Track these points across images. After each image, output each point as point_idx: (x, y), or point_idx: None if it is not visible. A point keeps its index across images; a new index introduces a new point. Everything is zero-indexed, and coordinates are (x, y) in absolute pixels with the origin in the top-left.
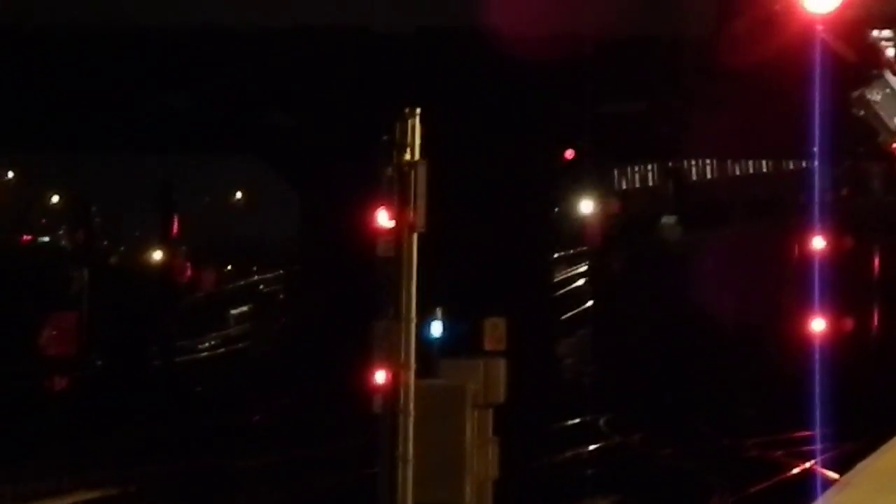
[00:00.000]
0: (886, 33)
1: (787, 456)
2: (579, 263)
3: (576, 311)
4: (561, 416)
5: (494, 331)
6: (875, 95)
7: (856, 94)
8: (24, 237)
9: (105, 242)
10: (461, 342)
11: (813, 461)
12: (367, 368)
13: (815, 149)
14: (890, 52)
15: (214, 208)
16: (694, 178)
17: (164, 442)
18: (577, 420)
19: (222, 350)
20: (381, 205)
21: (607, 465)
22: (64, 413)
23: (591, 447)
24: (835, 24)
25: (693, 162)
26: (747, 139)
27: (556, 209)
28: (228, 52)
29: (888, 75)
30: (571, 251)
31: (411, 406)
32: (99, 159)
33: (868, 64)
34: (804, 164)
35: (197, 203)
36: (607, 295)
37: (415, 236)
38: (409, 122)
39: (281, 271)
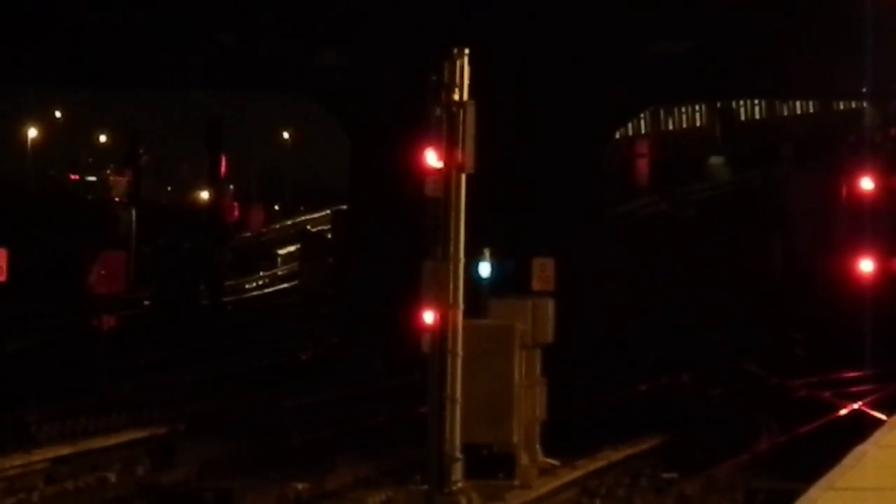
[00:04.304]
0: None
1: (835, 396)
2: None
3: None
4: (609, 355)
5: (543, 271)
6: None
7: None
8: (72, 176)
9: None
10: (509, 282)
11: (861, 401)
12: (415, 308)
13: (865, 89)
14: None
15: (262, 147)
16: (742, 118)
17: (213, 381)
18: (625, 359)
19: (270, 290)
20: (430, 145)
21: (656, 405)
22: (113, 352)
23: (640, 387)
24: None
25: (741, 102)
26: (798, 78)
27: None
28: None
29: None
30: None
31: (459, 346)
32: (147, 98)
33: None
34: (853, 103)
35: (244, 142)
36: (656, 235)
37: (463, 177)
38: (458, 62)
39: (328, 211)
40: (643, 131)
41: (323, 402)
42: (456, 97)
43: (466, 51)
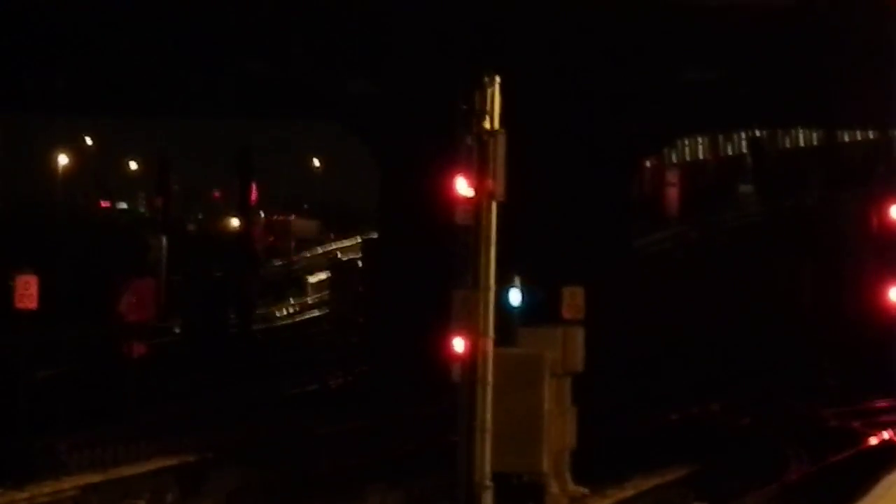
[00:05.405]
0: None
1: (866, 426)
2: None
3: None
4: (638, 384)
5: (573, 299)
6: None
7: None
8: (103, 203)
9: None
10: (539, 311)
11: (892, 431)
12: (445, 336)
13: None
14: None
15: (292, 174)
16: (772, 147)
17: (242, 409)
18: (654, 388)
19: (300, 318)
20: (461, 173)
21: (685, 434)
22: (142, 379)
23: (670, 415)
24: None
25: (769, 131)
26: (828, 107)
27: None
28: (310, 18)
29: None
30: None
31: (489, 374)
32: (177, 125)
33: None
34: (883, 133)
35: (275, 169)
36: (685, 263)
37: (494, 205)
38: (489, 91)
39: (359, 238)
40: (673, 160)
41: (352, 430)
42: (487, 126)
43: (497, 79)
